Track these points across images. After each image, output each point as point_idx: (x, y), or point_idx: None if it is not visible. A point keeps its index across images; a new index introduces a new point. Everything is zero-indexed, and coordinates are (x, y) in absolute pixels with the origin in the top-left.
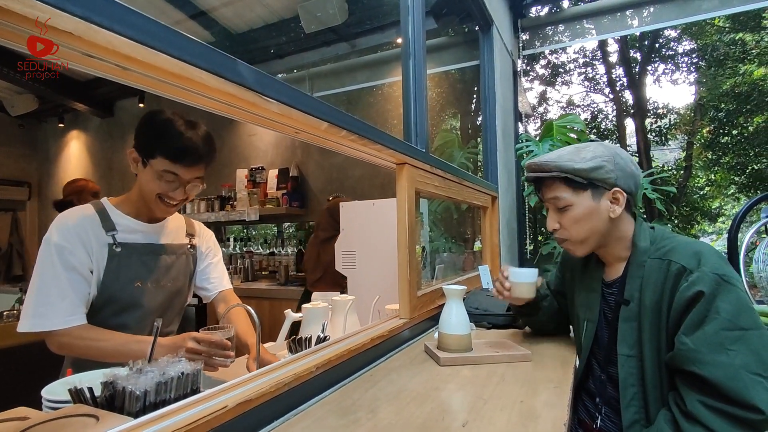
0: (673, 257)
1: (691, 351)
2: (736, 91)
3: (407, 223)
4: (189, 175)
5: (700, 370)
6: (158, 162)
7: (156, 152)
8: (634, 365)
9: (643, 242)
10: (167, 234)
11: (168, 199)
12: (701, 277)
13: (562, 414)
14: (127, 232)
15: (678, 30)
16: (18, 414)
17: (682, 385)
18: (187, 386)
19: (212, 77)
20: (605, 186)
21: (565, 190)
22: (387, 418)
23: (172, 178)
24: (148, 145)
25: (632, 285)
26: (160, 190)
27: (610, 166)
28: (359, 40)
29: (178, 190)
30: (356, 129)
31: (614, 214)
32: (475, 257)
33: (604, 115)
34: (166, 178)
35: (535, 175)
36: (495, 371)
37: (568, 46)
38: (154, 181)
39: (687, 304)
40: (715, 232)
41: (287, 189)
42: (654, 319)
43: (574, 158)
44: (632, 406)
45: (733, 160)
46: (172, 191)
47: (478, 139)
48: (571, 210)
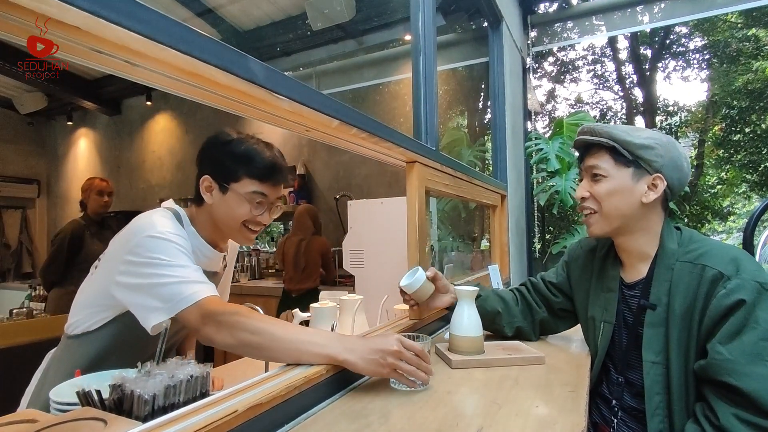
0: (708, 262)
1: (727, 361)
2: (749, 88)
3: (417, 222)
4: (274, 195)
5: (736, 382)
6: (244, 184)
7: (241, 173)
8: (660, 372)
9: (670, 243)
10: (221, 262)
11: (253, 225)
12: (742, 285)
13: (579, 420)
14: (197, 255)
15: (689, 26)
16: (26, 416)
17: (714, 397)
18: (196, 389)
19: (222, 74)
20: (649, 169)
21: (608, 161)
22: (399, 423)
23: (261, 200)
24: (231, 168)
25: (659, 288)
26: (249, 215)
27: (661, 151)
28: (367, 37)
29: (265, 214)
30: (367, 127)
31: (647, 199)
32: (483, 256)
33: (614, 112)
34: (256, 200)
35: (583, 139)
36: (508, 374)
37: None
38: (240, 207)
39: (725, 312)
40: (725, 231)
41: (294, 187)
42: (683, 326)
43: (629, 132)
44: (657, 416)
45: (745, 158)
46: (260, 215)
47: (486, 137)
48: (605, 181)
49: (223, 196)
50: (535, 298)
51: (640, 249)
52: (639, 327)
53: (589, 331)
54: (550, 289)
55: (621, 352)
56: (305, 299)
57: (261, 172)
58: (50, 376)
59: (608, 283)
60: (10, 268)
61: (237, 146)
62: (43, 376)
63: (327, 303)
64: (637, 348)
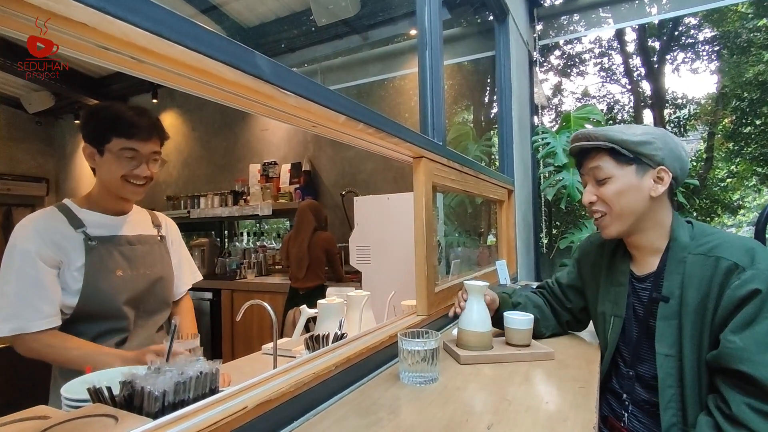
0: (722, 254)
1: (740, 349)
2: (760, 80)
3: (424, 218)
4: (147, 150)
5: (749, 370)
6: (114, 143)
7: (110, 135)
8: (673, 365)
9: (683, 236)
10: (135, 225)
11: (133, 178)
12: (757, 275)
13: (590, 416)
14: (95, 227)
15: (699, 17)
16: (38, 413)
17: (726, 387)
18: (205, 386)
19: (229, 69)
20: (651, 163)
21: (609, 161)
22: (409, 418)
23: (132, 154)
24: (101, 132)
25: (672, 281)
26: (124, 170)
27: (659, 144)
28: (371, 33)
29: (141, 167)
30: (374, 122)
31: (656, 192)
32: (490, 251)
33: (621, 106)
34: (126, 155)
35: (580, 145)
36: (517, 370)
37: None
38: (115, 164)
39: (739, 302)
40: (735, 225)
41: (300, 183)
42: (697, 318)
43: (624, 131)
44: (670, 408)
45: (756, 151)
46: (136, 168)
47: (492, 132)
48: (611, 183)
49: (102, 159)
50: (557, 303)
51: (651, 244)
52: (650, 319)
53: (600, 326)
54: (566, 293)
55: (631, 345)
56: (313, 296)
57: (126, 130)
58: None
59: (618, 278)
60: None
61: (104, 112)
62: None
63: (334, 299)
64: (648, 340)
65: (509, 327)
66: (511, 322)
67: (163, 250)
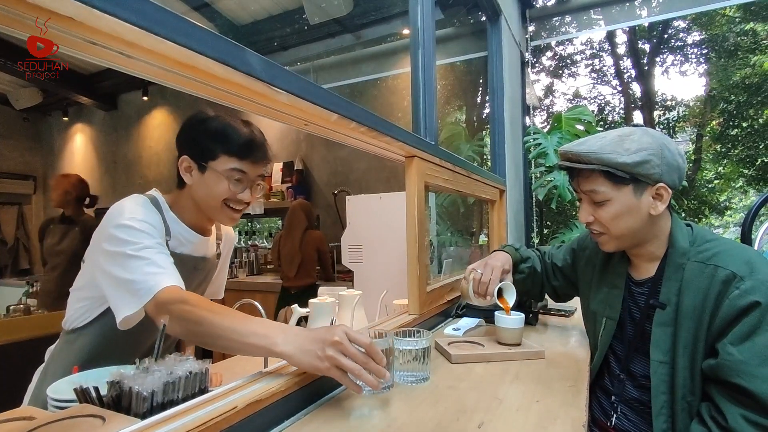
0: (720, 262)
1: (738, 362)
2: (747, 83)
3: (416, 217)
4: (255, 173)
5: (746, 383)
6: (221, 162)
7: (219, 151)
8: (666, 372)
9: (682, 242)
10: (210, 246)
11: (235, 203)
12: (757, 287)
13: (580, 415)
14: (179, 241)
15: (688, 20)
16: (24, 413)
17: (722, 398)
18: (195, 386)
19: (219, 66)
20: (649, 181)
21: (604, 184)
22: (400, 417)
23: (240, 177)
24: (208, 146)
25: (669, 288)
26: (228, 193)
27: (656, 161)
28: (364, 32)
29: (246, 192)
30: (366, 121)
31: (656, 211)
32: (482, 251)
33: (612, 107)
34: (234, 177)
35: (571, 165)
36: (508, 369)
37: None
38: (219, 185)
39: (738, 313)
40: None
41: (292, 182)
42: (692, 326)
43: (617, 150)
44: (662, 415)
45: (742, 153)
46: (240, 193)
47: (484, 132)
48: (609, 205)
49: (202, 176)
50: (544, 273)
51: (651, 252)
52: (646, 323)
53: (590, 324)
54: (555, 272)
55: (625, 346)
56: (304, 295)
57: (238, 149)
58: (50, 372)
59: (613, 280)
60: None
61: (213, 124)
62: (43, 373)
63: (326, 298)
64: (643, 343)
65: (500, 326)
66: (502, 321)
67: (215, 268)
